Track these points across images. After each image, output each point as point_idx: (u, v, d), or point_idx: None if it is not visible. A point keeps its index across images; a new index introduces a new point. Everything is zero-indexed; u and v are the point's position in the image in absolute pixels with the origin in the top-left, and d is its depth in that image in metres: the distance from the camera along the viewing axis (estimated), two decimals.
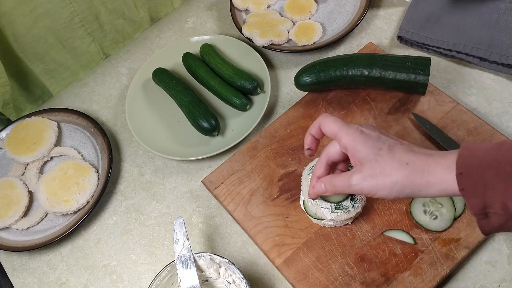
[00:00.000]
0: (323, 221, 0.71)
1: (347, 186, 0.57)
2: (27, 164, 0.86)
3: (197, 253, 0.66)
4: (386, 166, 0.54)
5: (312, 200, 0.69)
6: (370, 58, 0.81)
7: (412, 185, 0.53)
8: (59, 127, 0.90)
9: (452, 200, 0.70)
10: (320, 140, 0.64)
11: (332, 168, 0.64)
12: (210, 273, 0.68)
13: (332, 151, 0.61)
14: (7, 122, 0.93)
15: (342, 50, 0.93)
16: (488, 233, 0.52)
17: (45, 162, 0.87)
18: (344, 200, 0.68)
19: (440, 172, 0.52)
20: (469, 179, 0.50)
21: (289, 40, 0.94)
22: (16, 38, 0.83)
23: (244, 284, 0.63)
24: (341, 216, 0.68)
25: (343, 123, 0.59)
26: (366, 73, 0.80)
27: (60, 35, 0.88)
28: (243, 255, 0.75)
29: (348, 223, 0.72)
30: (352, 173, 0.57)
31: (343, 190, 0.58)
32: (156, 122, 0.89)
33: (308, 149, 0.64)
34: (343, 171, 0.63)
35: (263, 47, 0.92)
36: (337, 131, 0.59)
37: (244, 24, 0.96)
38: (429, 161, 0.53)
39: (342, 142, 0.58)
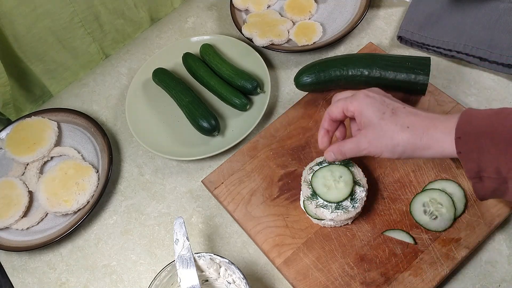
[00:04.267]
0: (323, 221, 0.71)
1: (357, 152, 0.62)
2: (27, 164, 0.86)
3: (197, 253, 0.66)
4: (388, 130, 0.58)
5: (311, 201, 0.69)
6: (370, 58, 0.81)
7: (412, 147, 0.57)
8: (59, 127, 0.90)
9: (452, 200, 0.70)
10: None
11: (336, 123, 0.67)
12: (210, 273, 0.68)
13: (334, 110, 0.64)
14: (7, 122, 0.93)
15: (342, 50, 0.93)
16: (483, 198, 0.55)
17: (45, 162, 0.87)
18: (344, 200, 0.68)
19: (439, 136, 0.55)
20: (466, 144, 0.52)
21: (289, 40, 0.94)
22: (16, 38, 0.83)
23: (244, 284, 0.63)
24: (341, 216, 0.68)
25: (350, 93, 0.63)
26: (366, 73, 0.80)
27: (60, 35, 0.88)
28: (243, 255, 0.75)
29: (348, 223, 0.72)
30: (359, 138, 0.61)
31: (353, 155, 0.63)
32: (156, 122, 0.89)
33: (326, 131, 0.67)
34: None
35: (263, 47, 0.92)
36: (347, 102, 0.62)
37: (244, 24, 0.96)
38: (429, 125, 0.56)
39: (350, 109, 0.62)
